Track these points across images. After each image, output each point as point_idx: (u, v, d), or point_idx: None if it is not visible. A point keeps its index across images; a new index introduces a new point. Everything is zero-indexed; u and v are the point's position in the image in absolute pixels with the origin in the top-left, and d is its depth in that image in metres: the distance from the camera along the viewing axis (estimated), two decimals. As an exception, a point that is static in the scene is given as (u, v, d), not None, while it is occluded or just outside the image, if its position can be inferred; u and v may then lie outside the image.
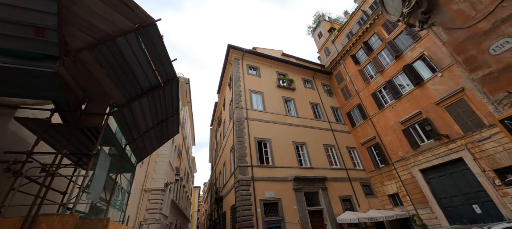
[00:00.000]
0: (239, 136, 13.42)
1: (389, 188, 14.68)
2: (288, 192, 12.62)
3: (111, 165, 4.59)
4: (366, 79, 17.23)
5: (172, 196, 16.44)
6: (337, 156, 16.19)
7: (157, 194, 12.72)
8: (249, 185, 11.86)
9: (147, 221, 11.68)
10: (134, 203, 11.84)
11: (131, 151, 5.80)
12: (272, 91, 17.48)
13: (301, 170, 13.92)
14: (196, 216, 52.74)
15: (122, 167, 5.64)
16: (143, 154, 6.26)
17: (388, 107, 15.30)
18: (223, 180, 17.29)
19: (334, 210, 13.17)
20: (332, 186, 14.24)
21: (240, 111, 14.69)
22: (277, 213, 11.78)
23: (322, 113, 18.51)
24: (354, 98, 18.55)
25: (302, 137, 15.64)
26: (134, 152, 5.76)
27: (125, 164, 5.56)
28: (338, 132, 17.83)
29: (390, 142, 14.87)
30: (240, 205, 11.05)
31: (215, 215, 20.95)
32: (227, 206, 14.40)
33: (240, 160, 12.51)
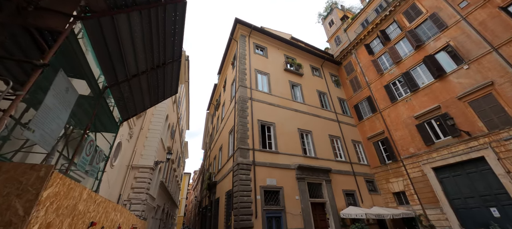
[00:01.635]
0: (241, 117, 12.13)
1: (395, 185, 13.84)
2: (291, 181, 11.53)
3: (80, 110, 3.24)
4: (380, 70, 16.15)
5: (162, 178, 15.11)
6: (342, 149, 15.20)
7: (145, 172, 11.37)
8: (249, 169, 10.67)
9: (131, 201, 10.36)
10: (118, 180, 10.47)
11: (114, 103, 4.42)
12: (279, 74, 16.17)
13: (306, 159, 12.84)
14: (184, 203, 51.65)
15: (100, 123, 4.27)
16: (130, 110, 4.89)
17: (402, 100, 14.30)
18: (218, 165, 16.05)
19: (337, 204, 12.22)
20: (336, 179, 13.28)
21: (244, 90, 13.34)
22: (278, 202, 10.68)
23: (328, 103, 17.41)
24: (363, 90, 17.50)
25: (308, 125, 14.52)
26: (118, 104, 4.39)
27: (104, 118, 4.20)
28: (344, 124, 16.82)
29: (400, 137, 13.94)
30: (239, 191, 9.86)
31: (206, 202, 19.80)
32: (222, 192, 13.23)
33: (241, 142, 11.26)
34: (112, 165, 9.76)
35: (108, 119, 4.20)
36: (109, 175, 9.37)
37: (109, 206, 3.24)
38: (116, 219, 3.76)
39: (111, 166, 9.54)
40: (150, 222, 12.81)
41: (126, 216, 4.68)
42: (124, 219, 4.46)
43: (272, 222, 10.03)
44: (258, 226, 9.50)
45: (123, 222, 4.43)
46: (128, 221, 5.00)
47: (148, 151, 11.90)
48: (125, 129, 10.65)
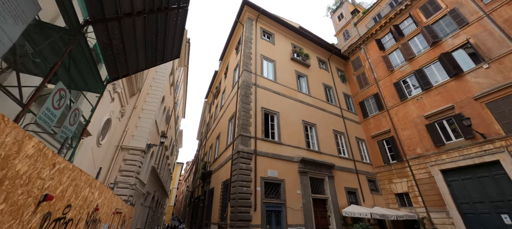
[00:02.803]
0: (244, 102, 11.24)
1: (398, 186, 13.31)
2: (293, 174, 10.80)
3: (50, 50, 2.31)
4: (390, 67, 15.45)
5: (154, 163, 14.16)
6: (346, 145, 14.55)
7: (136, 154, 10.41)
8: (250, 158, 9.85)
9: (119, 184, 9.43)
10: (106, 160, 9.51)
11: (99, 53, 3.46)
12: (285, 62, 15.28)
13: (309, 153, 12.11)
14: (175, 193, 50.82)
15: (80, 76, 3.33)
16: (121, 67, 3.94)
17: (412, 99, 13.67)
18: (215, 154, 15.19)
19: (339, 202, 11.59)
20: (339, 175, 12.64)
21: (248, 75, 12.41)
22: (278, 195, 9.94)
23: (334, 98, 16.68)
24: (371, 86, 16.81)
25: (312, 118, 13.76)
26: (105, 54, 3.43)
27: (85, 70, 3.25)
28: (348, 120, 16.15)
29: (408, 137, 13.35)
30: (238, 180, 9.05)
31: (198, 192, 18.97)
32: (217, 182, 12.41)
33: (243, 129, 10.41)
34: (99, 144, 8.77)
35: (90, 72, 3.27)
36: (95, 154, 8.39)
37: (80, 178, 2.35)
38: (92, 198, 2.87)
39: (97, 144, 8.55)
40: (138, 208, 11.92)
41: (108, 197, 3.79)
42: (104, 200, 3.57)
43: (271, 216, 9.29)
44: (257, 219, 8.75)
45: (103, 203, 3.54)
46: (110, 203, 4.11)
47: (141, 133, 10.92)
48: (116, 105, 9.63)
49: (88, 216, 2.88)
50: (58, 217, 2.02)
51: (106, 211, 3.80)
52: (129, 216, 7.90)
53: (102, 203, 3.42)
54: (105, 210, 3.75)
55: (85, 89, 3.59)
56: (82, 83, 3.45)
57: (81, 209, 2.54)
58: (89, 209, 2.85)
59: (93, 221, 3.15)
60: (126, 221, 7.20)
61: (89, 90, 3.65)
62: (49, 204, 1.79)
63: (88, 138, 7.31)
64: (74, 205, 2.31)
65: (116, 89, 8.76)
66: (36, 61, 2.37)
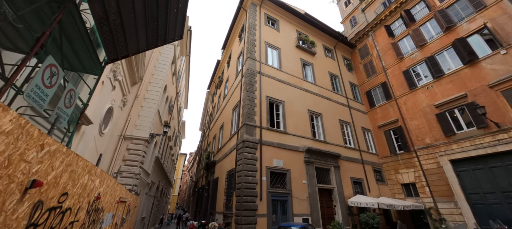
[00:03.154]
0: (249, 91, 10.91)
1: (404, 176, 13.10)
2: (299, 164, 10.61)
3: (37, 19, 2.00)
4: (400, 54, 14.86)
5: (158, 153, 14.08)
6: (352, 135, 14.27)
7: (139, 144, 10.26)
8: (255, 148, 9.64)
9: (122, 174, 9.33)
10: (109, 150, 9.37)
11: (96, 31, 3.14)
12: (290, 50, 14.77)
13: (315, 143, 11.87)
14: (179, 183, 51.58)
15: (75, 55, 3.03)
16: (119, 46, 3.62)
17: (422, 87, 13.19)
18: (218, 144, 15.04)
19: (344, 191, 11.45)
20: (345, 165, 12.44)
21: (252, 63, 12.00)
22: (284, 185, 9.80)
23: (340, 87, 16.24)
24: (378, 75, 16.29)
25: (318, 107, 13.42)
26: (101, 30, 3.11)
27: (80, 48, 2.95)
28: (354, 110, 15.78)
29: (416, 127, 13.00)
30: (243, 170, 8.88)
31: (202, 182, 19.04)
32: (222, 172, 12.31)
33: (248, 118, 10.14)
34: (102, 133, 8.60)
35: (86, 50, 2.97)
36: (97, 143, 8.24)
37: (77, 164, 2.11)
38: (93, 186, 2.65)
39: (100, 133, 8.38)
40: (143, 198, 11.93)
41: (110, 185, 3.58)
42: (107, 188, 3.37)
43: (277, 206, 9.19)
44: (263, 208, 8.64)
45: (106, 192, 3.34)
46: (113, 191, 3.92)
47: (143, 122, 10.72)
48: (117, 94, 9.39)
49: (89, 205, 2.67)
50: (52, 206, 1.80)
51: (109, 200, 3.61)
52: (134, 205, 7.83)
53: (105, 192, 3.22)
54: (108, 199, 3.56)
55: (82, 70, 3.30)
56: (77, 63, 3.16)
57: (80, 198, 2.32)
58: (90, 197, 2.64)
59: (95, 210, 2.96)
60: (131, 210, 7.12)
61: (86, 71, 3.36)
62: (40, 191, 1.56)
63: (89, 127, 7.11)
64: (72, 193, 2.09)
65: (117, 77, 8.48)
66: (18, 26, 2.06)
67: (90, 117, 6.71)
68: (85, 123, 6.42)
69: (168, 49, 13.28)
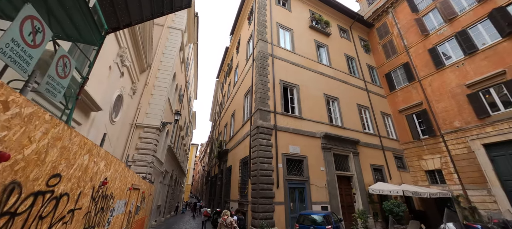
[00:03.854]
0: (261, 75, 10.30)
1: (429, 163, 12.23)
2: (316, 150, 10.06)
3: None
4: (425, 31, 13.53)
5: (170, 142, 13.99)
6: (371, 120, 13.43)
7: (151, 132, 10.07)
8: (270, 134, 9.16)
9: (136, 162, 9.21)
10: (121, 139, 9.24)
11: None
12: (303, 31, 13.84)
13: (332, 128, 11.22)
14: (192, 173, 52.76)
15: (69, 19, 2.57)
16: (120, 13, 3.14)
17: (451, 66, 11.99)
18: (230, 132, 14.72)
19: (364, 179, 10.84)
20: (364, 152, 11.75)
21: (264, 45, 11.30)
22: (301, 172, 9.33)
23: (357, 69, 15.21)
24: (400, 55, 15.06)
25: (334, 91, 12.62)
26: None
27: (74, 14, 2.48)
28: (373, 94, 14.80)
29: (443, 109, 11.94)
30: (258, 157, 8.47)
31: (215, 171, 19.03)
32: (235, 160, 12.02)
33: (261, 103, 9.60)
34: (113, 121, 8.41)
35: (82, 16, 2.52)
36: (109, 131, 8.07)
37: (71, 139, 1.69)
38: (97, 170, 2.27)
39: (111, 121, 8.19)
40: (157, 186, 11.94)
41: (119, 170, 3.23)
42: (115, 173, 3.01)
43: (295, 193, 8.78)
44: (280, 196, 8.26)
45: (115, 177, 2.99)
46: (123, 177, 3.58)
47: (154, 110, 10.48)
48: (126, 81, 9.12)
49: (94, 191, 2.31)
50: (39, 191, 1.40)
51: (119, 187, 3.28)
52: (149, 193, 7.69)
53: (113, 177, 2.86)
54: (119, 185, 3.22)
55: (79, 39, 2.87)
56: (73, 31, 2.72)
57: (80, 182, 1.94)
58: (94, 182, 2.27)
59: (102, 197, 2.62)
60: (145, 198, 6.95)
61: (84, 41, 2.93)
62: (13, 169, 1.14)
63: (99, 114, 6.89)
64: (67, 175, 1.69)
65: (124, 62, 8.14)
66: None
67: (99, 103, 6.44)
68: (94, 108, 6.16)
69: (175, 34, 12.80)
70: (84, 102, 5.66)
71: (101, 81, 6.76)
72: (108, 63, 7.06)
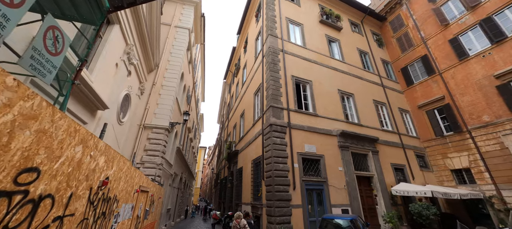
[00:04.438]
0: (272, 70, 9.81)
1: (455, 161, 11.31)
2: (333, 149, 9.42)
3: None
4: (444, 21, 12.69)
5: (179, 144, 13.66)
6: (389, 117, 12.64)
7: (159, 133, 9.74)
8: (284, 132, 8.61)
9: (145, 164, 8.87)
10: (130, 140, 8.93)
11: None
12: (314, 26, 13.30)
13: (349, 125, 10.55)
14: (200, 176, 52.59)
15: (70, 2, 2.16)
16: (125, -12, 2.71)
17: (476, 56, 11.11)
18: (240, 132, 14.25)
19: (386, 179, 10.07)
20: (384, 150, 10.99)
21: (274, 40, 10.83)
22: (318, 172, 8.71)
23: (371, 64, 14.47)
24: (417, 48, 14.22)
25: (349, 87, 11.96)
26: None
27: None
28: (389, 89, 14.00)
29: (470, 103, 11.04)
30: (272, 156, 7.93)
31: (224, 173, 18.58)
32: (246, 161, 11.52)
33: (274, 99, 9.09)
34: (121, 122, 8.12)
35: None
36: (116, 132, 7.77)
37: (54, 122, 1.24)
38: (95, 166, 1.83)
39: (119, 122, 7.90)
40: (167, 189, 11.58)
41: (124, 169, 2.79)
42: (119, 172, 2.57)
43: (312, 195, 8.16)
44: (297, 198, 7.67)
45: (119, 177, 2.55)
46: (130, 178, 3.14)
47: (162, 110, 10.17)
48: (134, 81, 8.85)
49: (92, 193, 1.87)
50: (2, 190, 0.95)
51: (124, 188, 2.84)
52: (158, 196, 7.29)
53: (117, 177, 2.42)
54: (123, 186, 2.78)
55: (76, 18, 2.48)
56: (70, 8, 2.33)
57: (71, 180, 1.51)
58: (91, 182, 1.83)
59: (104, 200, 2.17)
60: (155, 201, 6.55)
61: (82, 19, 2.53)
62: None
63: (106, 113, 6.58)
64: (50, 170, 1.25)
65: (131, 60, 7.86)
66: None
67: (106, 101, 6.13)
68: (100, 107, 5.84)
69: (183, 33, 12.54)
70: (89, 99, 5.34)
71: (107, 78, 6.46)
72: (114, 60, 6.77)
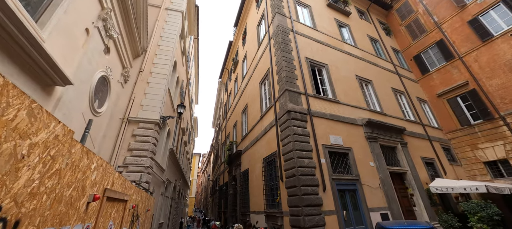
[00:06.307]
0: (284, 50, 8.28)
1: (488, 152, 10.09)
2: (360, 141, 7.90)
3: None
4: (461, 2, 11.80)
5: (172, 145, 11.69)
6: (410, 106, 11.39)
7: (148, 128, 7.83)
8: (305, 120, 7.00)
9: (129, 167, 6.92)
10: (109, 136, 7.00)
11: None
12: (322, 9, 12.05)
13: (373, 114, 9.12)
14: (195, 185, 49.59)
15: None
16: None
17: (502, 35, 10.15)
18: (243, 130, 12.50)
19: (420, 175, 8.61)
20: (412, 142, 9.63)
21: (282, 19, 9.39)
22: (348, 169, 7.11)
23: (383, 52, 13.34)
24: (430, 33, 13.26)
25: (366, 73, 10.65)
26: None
27: None
28: (405, 78, 12.84)
29: (500, 86, 9.97)
30: (294, 150, 6.25)
31: (224, 179, 16.59)
32: (253, 161, 9.75)
33: (289, 83, 7.51)
34: (96, 112, 6.22)
35: None
36: (93, 126, 5.87)
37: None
38: None
39: (92, 111, 5.99)
40: (158, 199, 9.56)
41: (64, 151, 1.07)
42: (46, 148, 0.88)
43: (345, 197, 6.50)
44: (329, 202, 5.99)
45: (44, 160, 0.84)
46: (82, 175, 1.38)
47: (151, 101, 8.30)
48: (113, 61, 7.00)
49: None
50: None
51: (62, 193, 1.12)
52: (146, 207, 5.36)
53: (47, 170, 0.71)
54: (62, 192, 1.06)
55: None
56: None
57: None
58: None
59: None
60: (140, 215, 4.65)
61: None
62: None
63: (71, 92, 4.70)
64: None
65: (109, 32, 6.06)
66: None
67: (70, 76, 4.31)
68: (58, 81, 4.00)
69: (175, 17, 10.85)
70: (40, 66, 3.52)
71: (72, 45, 4.63)
72: (83, 23, 4.96)
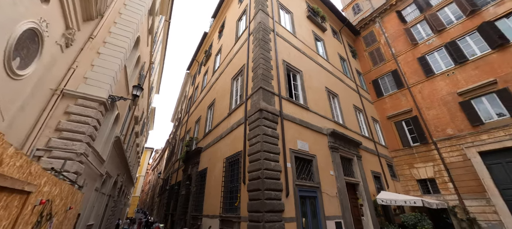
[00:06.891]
0: (263, 48, 7.97)
1: (421, 171, 11.70)
2: (324, 150, 8.07)
3: None
4: (414, 40, 13.71)
5: (119, 133, 9.98)
6: (365, 124, 12.44)
7: (89, 107, 6.35)
8: (276, 122, 6.74)
9: (53, 151, 5.40)
10: (32, 108, 5.37)
11: None
12: (302, 19, 12.34)
13: (337, 126, 9.55)
14: (142, 183, 44.79)
15: None
16: None
17: (441, 74, 12.07)
18: (207, 126, 11.61)
19: (369, 187, 9.32)
20: (365, 156, 10.44)
21: (265, 17, 9.13)
22: (311, 176, 7.09)
23: (349, 71, 14.44)
24: (387, 63, 14.99)
25: (334, 87, 11.22)
26: None
27: None
28: (363, 98, 14.09)
29: (435, 116, 11.76)
30: (262, 151, 5.87)
31: (177, 178, 15.13)
32: (214, 160, 9.01)
33: (264, 81, 7.19)
34: (15, 75, 4.66)
35: None
36: (6, 90, 4.36)
37: None
38: None
39: (8, 72, 4.45)
40: (90, 196, 7.87)
41: None
42: None
43: (305, 204, 6.41)
44: (290, 209, 5.76)
45: None
46: None
47: (99, 76, 6.82)
48: (54, 18, 5.47)
49: None
50: None
51: None
52: (67, 205, 4.12)
53: None
54: None
55: None
56: None
57: None
58: None
59: None
60: (57, 214, 3.47)
61: None
62: None
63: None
64: None
65: (50, -28, 4.68)
66: None
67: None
68: None
69: (145, -14, 9.47)
70: None
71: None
72: None
